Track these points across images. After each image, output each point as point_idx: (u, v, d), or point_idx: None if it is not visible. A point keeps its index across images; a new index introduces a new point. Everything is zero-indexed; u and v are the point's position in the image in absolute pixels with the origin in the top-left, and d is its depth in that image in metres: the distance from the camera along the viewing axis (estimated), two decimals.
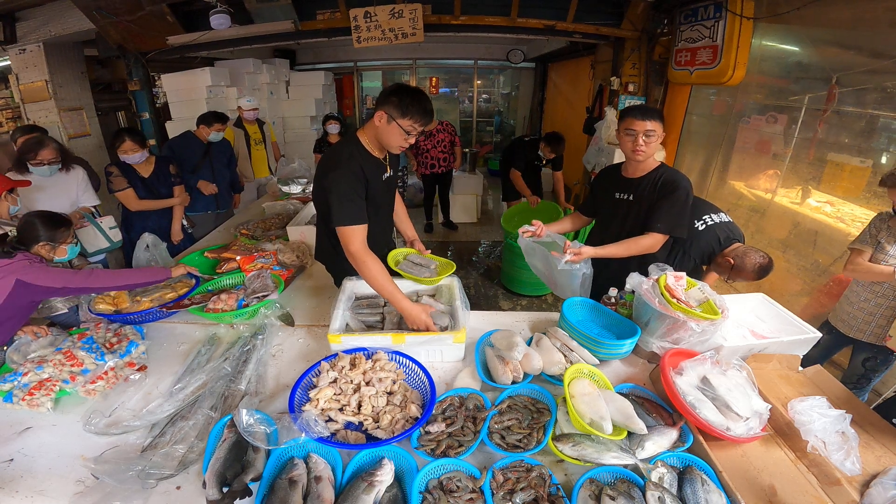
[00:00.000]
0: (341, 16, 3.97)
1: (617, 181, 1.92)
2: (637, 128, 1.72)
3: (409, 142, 1.56)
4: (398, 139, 1.54)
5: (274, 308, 1.77)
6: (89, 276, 1.60)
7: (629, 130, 1.74)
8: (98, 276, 1.62)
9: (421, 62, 7.95)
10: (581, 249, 1.72)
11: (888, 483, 1.08)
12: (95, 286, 1.63)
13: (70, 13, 3.99)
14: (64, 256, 1.80)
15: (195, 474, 1.11)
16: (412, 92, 1.50)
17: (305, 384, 1.35)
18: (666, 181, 1.78)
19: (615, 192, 1.91)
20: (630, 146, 1.76)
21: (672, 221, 1.76)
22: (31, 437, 1.23)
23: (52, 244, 1.74)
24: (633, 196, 1.85)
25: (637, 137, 1.73)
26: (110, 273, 1.67)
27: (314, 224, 2.57)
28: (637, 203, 1.85)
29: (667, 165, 1.85)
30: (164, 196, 2.78)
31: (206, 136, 3.24)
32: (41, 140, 2.32)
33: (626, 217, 1.90)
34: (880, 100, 2.49)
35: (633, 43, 4.28)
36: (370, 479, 1.03)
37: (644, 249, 1.79)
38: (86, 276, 1.60)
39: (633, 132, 1.73)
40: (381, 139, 1.59)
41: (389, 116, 1.50)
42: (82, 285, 1.59)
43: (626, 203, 1.88)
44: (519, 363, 1.41)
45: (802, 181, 2.97)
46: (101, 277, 1.63)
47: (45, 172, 2.32)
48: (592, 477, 1.10)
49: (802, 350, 1.59)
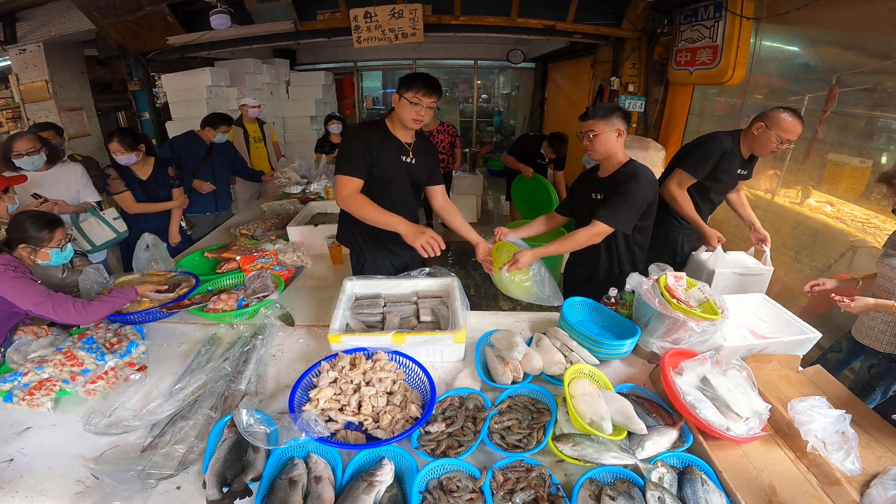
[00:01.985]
0: (341, 16, 3.97)
1: (593, 181, 1.92)
2: (582, 128, 1.79)
3: (419, 114, 1.72)
4: (409, 112, 1.72)
5: (274, 308, 1.77)
6: (61, 307, 1.49)
7: (579, 133, 1.82)
8: (68, 310, 1.50)
9: (421, 62, 7.95)
10: (518, 257, 1.69)
11: (888, 483, 1.08)
12: (64, 319, 1.52)
13: (70, 13, 3.99)
14: (47, 261, 1.65)
15: (195, 474, 1.11)
16: (418, 73, 1.75)
17: (305, 384, 1.34)
18: (624, 176, 1.76)
19: (591, 193, 1.90)
20: (585, 145, 1.82)
21: (615, 213, 1.72)
22: (31, 437, 1.22)
23: (32, 247, 1.60)
24: (604, 195, 1.83)
25: (584, 138, 1.79)
26: (82, 305, 1.54)
27: (314, 224, 2.58)
28: (606, 201, 1.82)
29: (636, 162, 1.79)
30: (163, 198, 2.76)
31: (212, 137, 3.23)
32: (15, 134, 2.31)
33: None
34: (880, 100, 2.49)
35: (633, 43, 4.28)
36: (370, 479, 1.03)
37: (584, 242, 1.75)
38: (57, 305, 1.49)
39: (581, 133, 1.81)
40: (399, 118, 1.78)
41: (399, 95, 1.73)
42: (49, 315, 1.49)
43: (600, 203, 1.84)
44: (519, 363, 1.41)
45: (802, 181, 2.97)
46: (71, 311, 1.51)
47: (28, 164, 2.30)
48: (592, 477, 1.10)
49: (802, 350, 1.59)
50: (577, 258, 2.08)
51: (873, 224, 2.53)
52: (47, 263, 1.67)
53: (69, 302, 1.52)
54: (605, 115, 1.74)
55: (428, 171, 1.98)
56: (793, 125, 1.97)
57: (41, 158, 2.35)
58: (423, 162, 1.92)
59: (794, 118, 1.98)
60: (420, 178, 1.96)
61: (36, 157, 2.32)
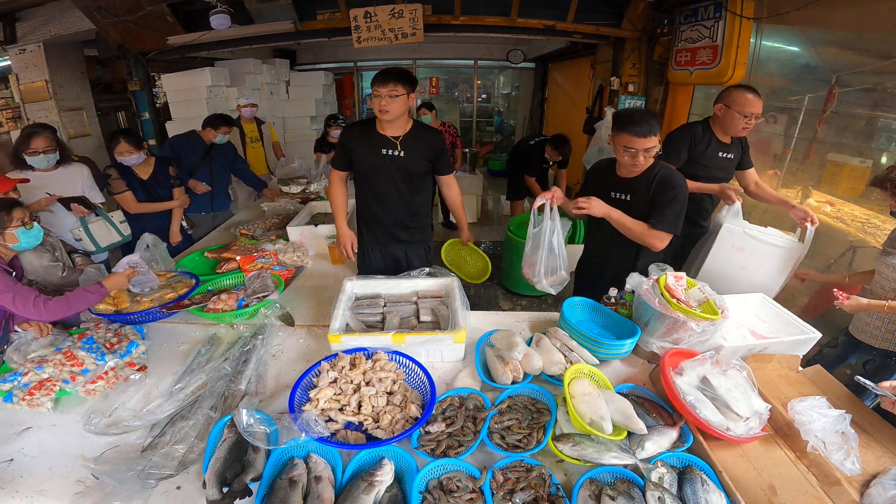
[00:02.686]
0: (341, 16, 3.97)
1: (612, 180, 1.87)
2: (637, 146, 1.64)
3: (381, 104, 1.82)
4: (375, 105, 1.86)
5: (274, 308, 1.77)
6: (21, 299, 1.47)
7: (629, 149, 1.67)
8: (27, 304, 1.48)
9: (421, 62, 7.95)
10: (590, 201, 1.71)
11: (888, 483, 1.08)
12: (22, 313, 1.50)
13: (70, 13, 3.99)
14: (16, 243, 1.61)
15: (195, 474, 1.11)
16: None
17: (305, 384, 1.34)
18: (663, 180, 1.74)
19: (611, 192, 1.86)
20: (628, 161, 1.71)
21: (675, 223, 1.74)
22: (31, 437, 1.23)
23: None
24: (631, 196, 1.82)
25: (637, 155, 1.66)
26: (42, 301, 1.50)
27: (314, 224, 2.58)
28: (634, 203, 1.81)
29: (660, 161, 1.80)
30: (164, 198, 2.77)
31: (212, 138, 3.23)
32: (32, 131, 2.31)
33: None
34: (880, 100, 2.49)
35: (633, 43, 4.28)
36: (370, 479, 1.03)
37: (648, 243, 1.76)
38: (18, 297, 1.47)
39: (633, 150, 1.66)
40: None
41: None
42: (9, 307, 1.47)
43: (623, 203, 1.83)
44: (519, 363, 1.41)
45: (802, 181, 2.97)
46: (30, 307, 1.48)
47: (43, 163, 2.30)
48: (592, 477, 1.10)
49: (802, 350, 1.59)
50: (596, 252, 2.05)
51: (873, 224, 2.53)
52: (18, 245, 1.63)
53: (30, 296, 1.50)
54: (659, 123, 1.70)
55: (423, 163, 2.00)
56: (746, 99, 2.01)
57: (55, 157, 2.36)
58: (415, 154, 1.95)
59: (747, 92, 2.03)
60: (412, 170, 1.98)
61: (51, 156, 2.33)
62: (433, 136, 2.03)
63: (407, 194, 2.03)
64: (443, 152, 2.04)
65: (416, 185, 2.05)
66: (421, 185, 2.07)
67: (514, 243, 3.55)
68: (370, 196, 2.04)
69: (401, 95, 1.79)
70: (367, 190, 2.04)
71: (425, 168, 2.02)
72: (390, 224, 2.09)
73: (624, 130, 1.66)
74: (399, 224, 2.10)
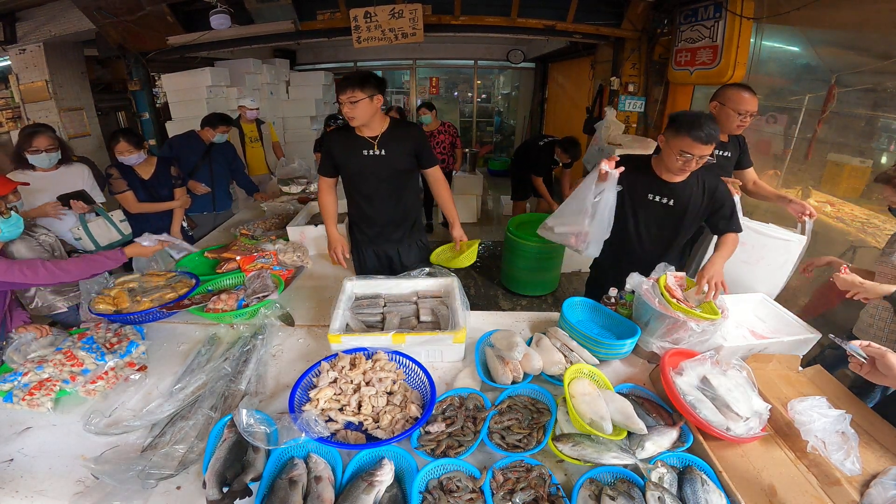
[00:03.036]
0: (341, 16, 3.97)
1: (652, 182, 1.80)
2: (696, 152, 1.58)
3: (346, 111, 1.83)
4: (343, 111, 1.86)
5: (274, 308, 1.77)
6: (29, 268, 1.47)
7: (685, 153, 1.59)
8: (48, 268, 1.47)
9: (421, 62, 7.95)
10: (710, 277, 1.59)
11: (888, 483, 1.08)
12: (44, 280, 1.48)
13: (70, 13, 3.99)
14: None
15: (195, 474, 1.11)
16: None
17: (305, 384, 1.34)
18: (713, 187, 1.76)
19: (648, 193, 1.80)
20: (678, 165, 1.65)
21: (738, 220, 1.80)
22: (31, 437, 1.23)
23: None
24: (674, 202, 1.77)
25: (692, 161, 1.61)
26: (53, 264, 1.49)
27: (314, 224, 2.58)
28: (678, 208, 1.77)
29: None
30: (165, 198, 2.77)
31: (211, 137, 3.23)
32: (34, 130, 2.31)
33: (663, 220, 1.83)
34: (880, 100, 2.49)
35: (633, 43, 4.28)
36: (370, 479, 1.03)
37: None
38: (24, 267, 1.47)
39: (690, 156, 1.59)
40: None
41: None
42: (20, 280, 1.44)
43: (664, 207, 1.79)
44: (519, 363, 1.41)
45: (802, 181, 2.97)
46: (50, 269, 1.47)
47: (45, 161, 2.31)
48: (592, 477, 1.10)
49: (802, 350, 1.59)
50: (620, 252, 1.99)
51: (873, 224, 2.53)
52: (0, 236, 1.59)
53: (36, 262, 1.50)
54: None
55: (406, 159, 1.99)
56: (741, 96, 2.00)
57: (57, 156, 2.36)
58: (396, 151, 1.95)
59: (742, 90, 2.02)
60: (396, 167, 1.98)
61: (53, 155, 2.33)
62: (411, 131, 2.03)
63: (394, 192, 2.04)
64: (423, 145, 2.02)
65: (402, 181, 2.05)
66: (407, 182, 2.07)
67: (514, 243, 3.55)
68: (359, 197, 2.07)
69: (361, 100, 1.77)
70: (355, 192, 2.07)
71: (409, 164, 2.01)
72: (381, 223, 2.10)
73: (686, 134, 1.56)
74: (390, 222, 2.11)
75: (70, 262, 1.53)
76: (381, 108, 1.89)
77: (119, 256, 1.65)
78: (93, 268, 1.59)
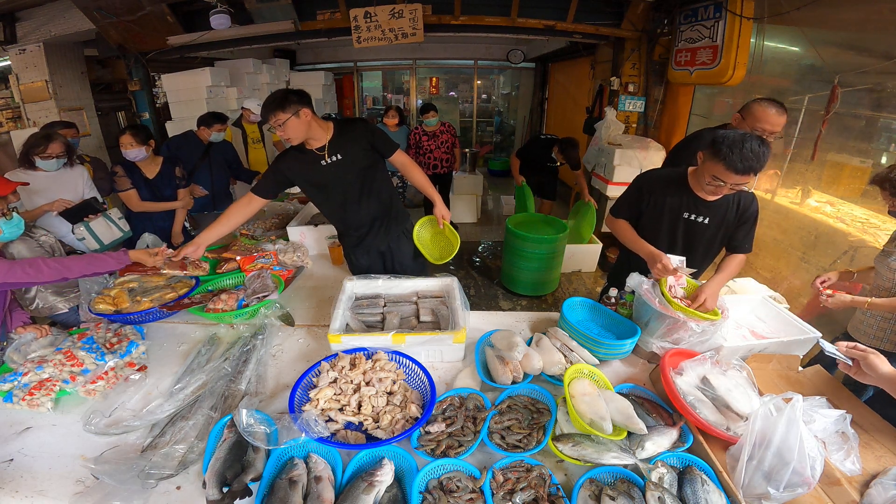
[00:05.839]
0: (341, 16, 3.97)
1: (687, 201, 1.67)
2: (728, 181, 1.45)
3: (280, 134, 1.78)
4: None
5: (274, 308, 1.77)
6: (39, 267, 1.47)
7: (718, 180, 1.47)
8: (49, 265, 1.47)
9: (421, 62, 7.95)
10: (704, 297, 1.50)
11: (888, 483, 1.08)
12: (47, 278, 1.48)
13: (70, 13, 3.99)
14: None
15: (195, 474, 1.11)
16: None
17: (305, 384, 1.35)
18: (746, 204, 1.66)
19: (684, 212, 1.68)
20: (709, 189, 1.55)
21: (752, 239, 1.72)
22: (31, 437, 1.23)
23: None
24: (710, 220, 1.67)
25: (724, 188, 1.50)
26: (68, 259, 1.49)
27: (314, 224, 2.58)
28: (711, 226, 1.68)
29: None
30: (168, 198, 2.78)
31: (207, 136, 3.24)
32: (49, 134, 2.33)
33: (699, 240, 1.73)
34: (881, 100, 2.49)
35: (633, 43, 4.28)
36: (370, 479, 1.03)
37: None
38: (26, 265, 1.46)
39: (722, 183, 1.47)
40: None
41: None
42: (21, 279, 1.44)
43: (700, 226, 1.68)
44: (519, 363, 1.41)
45: (802, 181, 2.97)
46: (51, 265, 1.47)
47: (53, 166, 2.34)
48: (592, 477, 1.10)
49: (802, 350, 1.59)
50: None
51: (873, 224, 2.53)
52: (1, 237, 1.59)
53: (37, 259, 1.50)
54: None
55: (365, 155, 1.94)
56: (764, 112, 1.83)
57: (64, 161, 2.40)
58: (351, 152, 1.90)
59: (768, 105, 1.84)
60: (358, 166, 1.93)
61: (63, 160, 2.38)
62: (358, 127, 1.97)
63: (364, 190, 2.00)
64: (376, 135, 1.96)
65: (370, 177, 1.99)
66: (375, 175, 2.01)
67: (513, 243, 3.56)
68: (333, 209, 2.05)
69: (287, 120, 1.73)
70: (330, 203, 2.03)
71: (370, 159, 1.96)
72: (366, 223, 2.07)
73: (721, 160, 1.42)
74: (370, 221, 2.07)
75: (72, 259, 1.53)
76: (316, 116, 1.82)
77: (122, 258, 1.66)
78: (96, 266, 1.59)
